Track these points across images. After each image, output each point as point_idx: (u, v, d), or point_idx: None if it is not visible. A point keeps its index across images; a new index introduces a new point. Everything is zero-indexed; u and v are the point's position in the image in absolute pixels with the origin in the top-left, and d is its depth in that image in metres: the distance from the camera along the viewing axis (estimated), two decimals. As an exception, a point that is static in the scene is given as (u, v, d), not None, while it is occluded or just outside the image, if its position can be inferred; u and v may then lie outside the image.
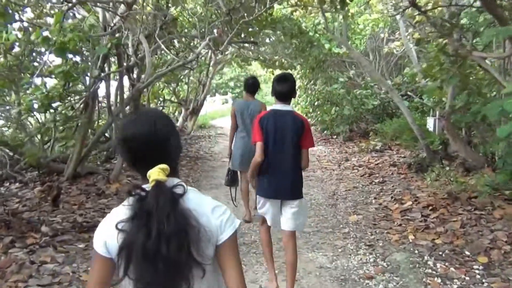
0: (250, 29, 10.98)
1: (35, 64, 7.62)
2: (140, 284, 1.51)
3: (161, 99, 14.82)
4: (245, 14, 9.02)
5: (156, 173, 1.56)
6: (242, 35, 11.86)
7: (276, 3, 9.56)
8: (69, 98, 7.07)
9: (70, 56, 6.02)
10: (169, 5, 10.36)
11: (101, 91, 8.89)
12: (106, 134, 10.40)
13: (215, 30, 10.27)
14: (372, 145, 12.00)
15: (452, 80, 5.81)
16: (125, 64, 7.59)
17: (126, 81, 9.11)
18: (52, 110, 6.28)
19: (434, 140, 8.90)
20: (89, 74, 6.32)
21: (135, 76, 9.59)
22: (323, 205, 7.40)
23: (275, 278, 4.34)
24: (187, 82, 17.27)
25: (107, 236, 1.58)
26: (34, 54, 7.67)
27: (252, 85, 6.42)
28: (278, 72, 22.30)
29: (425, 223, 5.95)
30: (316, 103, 18.27)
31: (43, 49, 7.11)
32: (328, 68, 17.62)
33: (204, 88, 17.49)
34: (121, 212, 1.59)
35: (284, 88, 4.08)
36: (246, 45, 15.91)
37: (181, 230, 1.49)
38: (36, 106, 5.68)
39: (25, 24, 7.10)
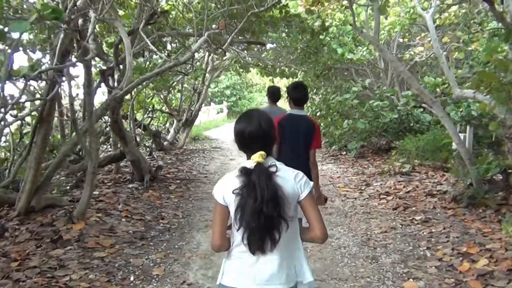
0: (255, 28, 8.89)
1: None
2: (248, 230, 2.19)
3: (149, 108, 12.64)
4: (254, 4, 6.93)
5: (257, 157, 2.23)
6: (247, 36, 9.81)
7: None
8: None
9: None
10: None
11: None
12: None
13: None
14: (396, 166, 9.93)
15: None
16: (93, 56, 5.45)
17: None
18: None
19: (490, 166, 6.84)
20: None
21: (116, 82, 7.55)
22: (359, 258, 5.32)
23: None
24: (180, 89, 15.19)
25: (224, 192, 2.27)
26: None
27: (275, 93, 7.07)
28: (277, 80, 20.50)
29: (528, 304, 3.90)
30: (318, 114, 16.32)
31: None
32: (333, 76, 15.73)
33: (199, 96, 15.42)
34: (233, 180, 2.25)
35: (301, 94, 4.62)
36: (247, 49, 13.90)
37: (274, 197, 2.16)
38: None
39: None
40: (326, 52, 13.14)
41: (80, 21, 5.18)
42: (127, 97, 9.48)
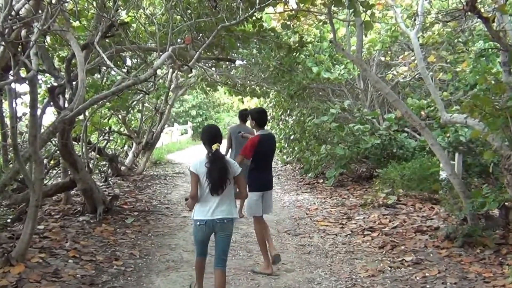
0: (225, 43, 8.56)
1: None
2: (212, 182, 4.46)
3: (105, 129, 12.07)
4: (225, 17, 6.58)
5: (215, 146, 4.50)
6: (215, 52, 9.47)
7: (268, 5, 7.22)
8: None
9: None
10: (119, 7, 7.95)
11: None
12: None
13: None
14: (380, 197, 9.61)
15: None
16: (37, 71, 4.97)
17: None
18: None
19: (487, 200, 6.54)
20: None
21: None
22: (346, 309, 4.92)
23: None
24: (140, 109, 14.70)
25: (197, 166, 4.51)
26: None
27: (244, 115, 8.94)
28: (247, 99, 20.15)
29: None
30: (292, 137, 16.01)
31: None
32: (308, 96, 15.43)
33: (162, 117, 14.95)
34: (204, 158, 4.55)
35: (266, 118, 6.47)
36: (215, 66, 13.55)
37: (225, 168, 4.53)
38: None
39: None
40: (300, 70, 12.86)
41: (23, 32, 4.72)
42: (80, 117, 8.99)
